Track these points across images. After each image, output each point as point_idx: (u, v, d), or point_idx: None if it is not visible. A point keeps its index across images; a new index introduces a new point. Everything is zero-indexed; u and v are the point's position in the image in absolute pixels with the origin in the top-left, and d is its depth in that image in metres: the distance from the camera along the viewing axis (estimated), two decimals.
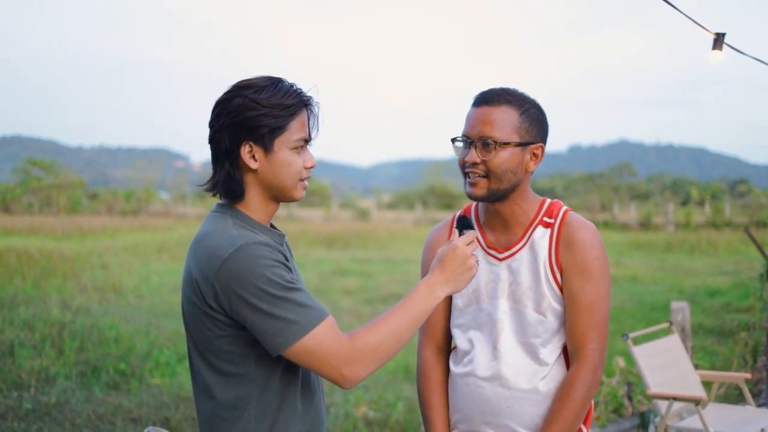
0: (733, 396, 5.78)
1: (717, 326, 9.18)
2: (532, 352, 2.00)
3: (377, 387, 6.55)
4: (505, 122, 1.96)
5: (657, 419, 4.69)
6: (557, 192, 44.12)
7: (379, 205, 45.22)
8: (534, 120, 2.00)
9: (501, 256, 2.05)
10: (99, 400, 5.83)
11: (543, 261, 2.00)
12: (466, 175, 2.01)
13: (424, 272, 2.15)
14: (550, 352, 2.00)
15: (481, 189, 1.98)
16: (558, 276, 2.00)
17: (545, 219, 2.04)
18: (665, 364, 4.66)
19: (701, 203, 29.18)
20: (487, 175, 1.97)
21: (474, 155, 1.97)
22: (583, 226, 2.01)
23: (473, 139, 1.97)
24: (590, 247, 1.99)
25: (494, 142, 1.95)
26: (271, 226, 1.84)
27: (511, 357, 2.00)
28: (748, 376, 4.64)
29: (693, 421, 4.38)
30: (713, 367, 6.56)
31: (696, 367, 5.59)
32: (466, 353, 2.07)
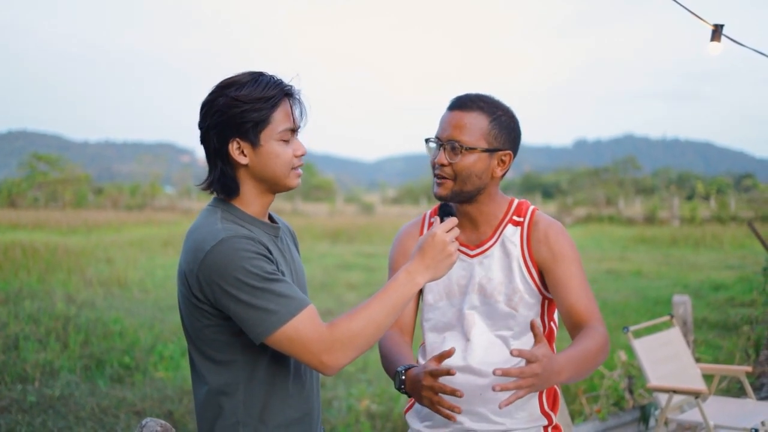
0: (734, 389, 5.77)
1: (721, 320, 9.17)
2: (505, 343, 2.06)
3: (380, 381, 6.57)
4: (474, 128, 2.04)
5: (657, 412, 4.70)
6: (562, 186, 43.93)
7: (383, 199, 45.24)
8: (504, 127, 2.07)
9: (472, 253, 2.12)
10: (103, 393, 5.87)
11: (516, 258, 2.08)
12: (435, 175, 2.09)
13: (392, 268, 2.21)
14: (522, 346, 2.05)
15: (446, 189, 2.06)
16: (533, 271, 2.07)
17: (515, 218, 2.13)
18: (666, 357, 4.67)
19: (706, 198, 29.00)
20: (453, 177, 2.05)
21: (442, 157, 2.05)
22: (552, 222, 2.12)
23: (443, 142, 2.05)
24: (564, 240, 2.08)
25: (461, 146, 2.02)
26: (270, 218, 1.91)
27: (483, 348, 2.06)
28: (749, 369, 4.63)
29: (693, 414, 4.39)
30: (716, 361, 6.54)
31: (698, 360, 5.59)
32: (437, 348, 2.11)
